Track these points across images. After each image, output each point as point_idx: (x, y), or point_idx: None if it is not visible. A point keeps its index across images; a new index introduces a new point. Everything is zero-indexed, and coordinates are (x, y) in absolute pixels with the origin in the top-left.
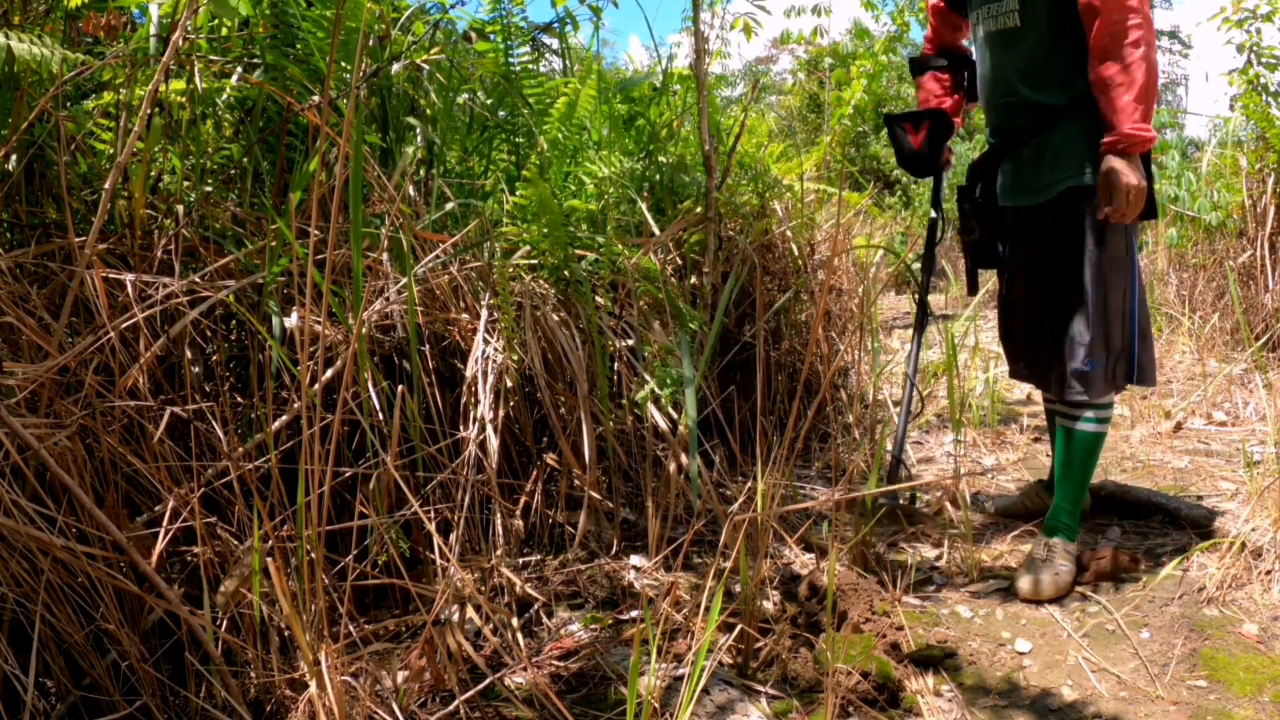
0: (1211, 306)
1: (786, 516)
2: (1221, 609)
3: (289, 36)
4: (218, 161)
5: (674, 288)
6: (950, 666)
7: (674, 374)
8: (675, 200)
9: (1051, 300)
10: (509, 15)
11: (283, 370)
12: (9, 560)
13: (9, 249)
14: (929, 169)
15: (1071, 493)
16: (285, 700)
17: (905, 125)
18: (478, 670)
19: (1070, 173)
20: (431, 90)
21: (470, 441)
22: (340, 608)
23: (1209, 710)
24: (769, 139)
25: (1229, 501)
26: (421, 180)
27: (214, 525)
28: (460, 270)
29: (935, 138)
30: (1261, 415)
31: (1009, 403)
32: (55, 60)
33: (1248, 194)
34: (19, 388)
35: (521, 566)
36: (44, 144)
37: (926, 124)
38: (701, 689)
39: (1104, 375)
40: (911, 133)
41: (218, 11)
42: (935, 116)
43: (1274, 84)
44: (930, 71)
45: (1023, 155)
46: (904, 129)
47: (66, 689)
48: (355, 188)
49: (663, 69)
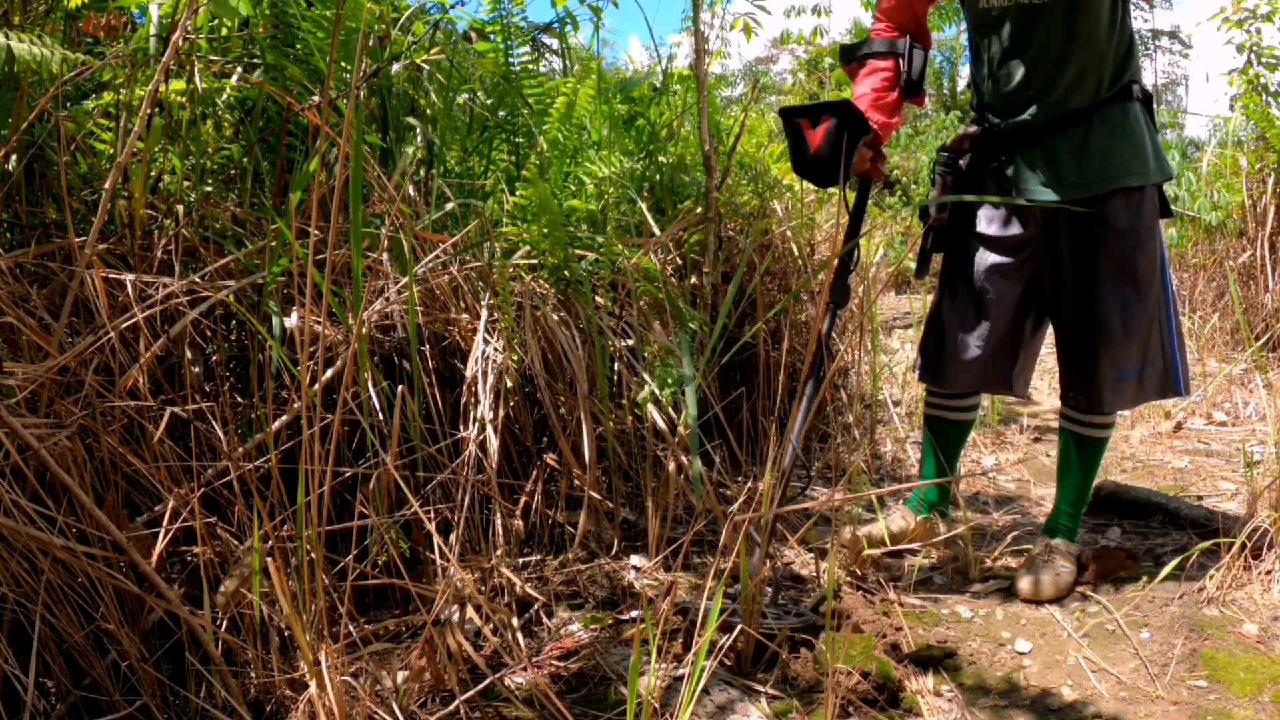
0: (1211, 306)
1: (787, 516)
2: (1221, 609)
3: (289, 36)
4: (218, 161)
5: (674, 288)
6: (950, 666)
7: (674, 374)
8: (675, 200)
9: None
10: (509, 15)
11: (283, 370)
12: (9, 560)
13: (9, 249)
14: (830, 176)
15: (1074, 495)
16: (285, 700)
17: (801, 121)
18: (478, 670)
19: (1120, 170)
20: (431, 90)
21: (470, 441)
22: (340, 608)
23: (1209, 710)
24: (769, 139)
25: (1229, 501)
26: (421, 180)
27: (214, 525)
28: (460, 270)
29: (839, 137)
30: (1261, 415)
31: (1009, 403)
32: (55, 60)
33: (1248, 194)
34: (19, 388)
35: (521, 566)
36: (44, 144)
37: (826, 120)
38: (701, 689)
39: (1136, 386)
40: (809, 131)
41: (218, 11)
42: (839, 109)
43: (1274, 84)
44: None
45: (1054, 144)
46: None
47: (66, 689)
48: (355, 188)
49: (663, 69)
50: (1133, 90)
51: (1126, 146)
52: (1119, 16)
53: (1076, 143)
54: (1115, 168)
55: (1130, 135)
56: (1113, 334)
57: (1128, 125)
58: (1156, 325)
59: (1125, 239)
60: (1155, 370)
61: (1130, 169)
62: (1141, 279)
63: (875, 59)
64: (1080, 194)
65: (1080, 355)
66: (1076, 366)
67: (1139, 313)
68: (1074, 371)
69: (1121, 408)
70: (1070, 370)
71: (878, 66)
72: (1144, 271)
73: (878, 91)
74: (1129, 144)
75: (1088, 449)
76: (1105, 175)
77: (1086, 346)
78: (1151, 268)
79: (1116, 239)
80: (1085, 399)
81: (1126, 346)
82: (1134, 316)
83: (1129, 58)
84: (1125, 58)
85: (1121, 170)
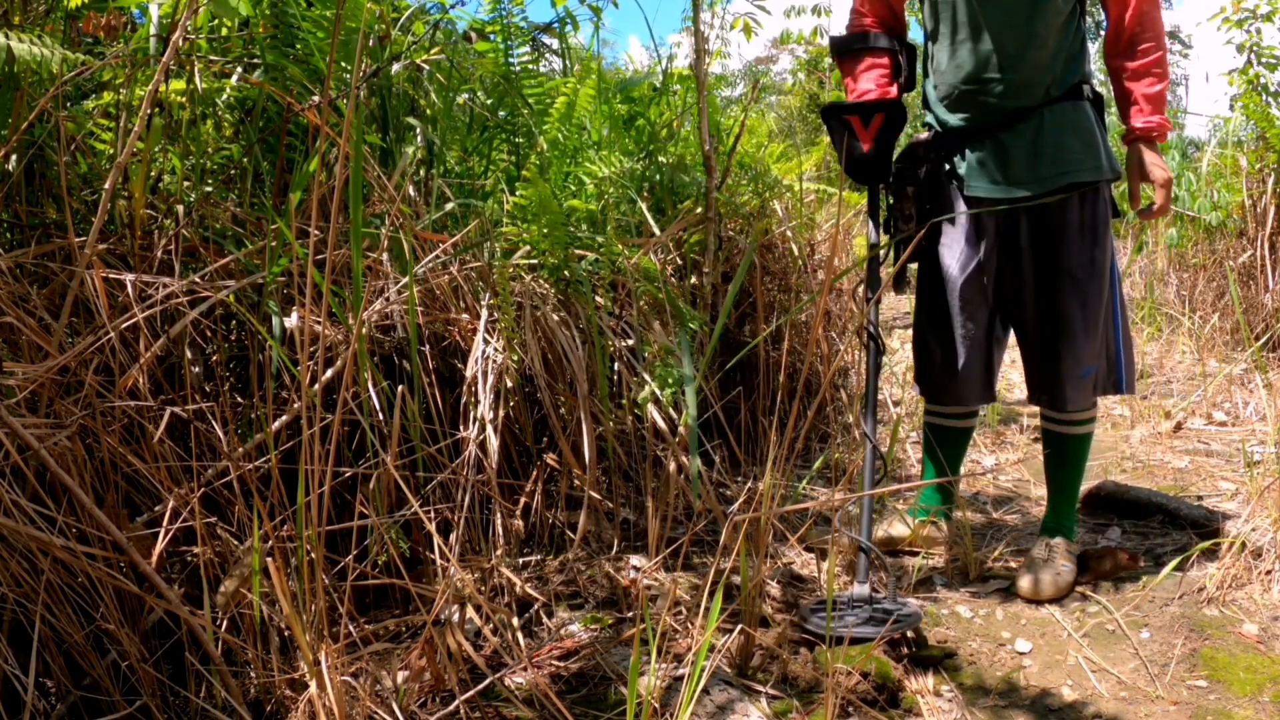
0: (1211, 306)
1: (787, 516)
2: (1221, 609)
3: (289, 36)
4: (218, 161)
5: (674, 288)
6: (950, 666)
7: (674, 374)
8: (675, 200)
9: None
10: (509, 15)
11: (283, 370)
12: (9, 560)
13: (9, 249)
14: (881, 173)
15: (1064, 493)
16: (285, 700)
17: (852, 119)
18: (478, 670)
19: (1073, 166)
20: (431, 90)
21: (470, 441)
22: (340, 608)
23: (1209, 710)
24: (769, 139)
25: (1229, 501)
26: (421, 180)
27: (214, 525)
28: (460, 270)
29: (888, 135)
30: (1261, 415)
31: (1009, 403)
32: (55, 60)
33: (1248, 194)
34: (19, 388)
35: (521, 566)
36: (44, 144)
37: (879, 118)
38: (701, 689)
39: (1094, 381)
40: (860, 129)
41: (218, 11)
42: (890, 109)
43: (1274, 84)
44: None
45: (1005, 141)
46: (849, 124)
47: (66, 689)
48: (355, 188)
49: (663, 69)
50: (1083, 90)
51: (1078, 143)
52: (1076, 16)
53: (1028, 140)
54: (1068, 164)
55: (1082, 132)
56: (1075, 332)
57: (1079, 122)
58: (1108, 321)
59: (1083, 236)
60: (1103, 367)
61: (1084, 164)
62: (1098, 275)
63: (873, 54)
64: (1035, 189)
65: (1044, 355)
66: (1040, 366)
67: (1097, 309)
68: (1038, 371)
69: (1083, 405)
70: (1035, 370)
71: (876, 62)
72: (1100, 267)
73: (881, 87)
74: (1081, 140)
75: (1070, 446)
76: (1059, 171)
77: (1049, 345)
78: (1105, 263)
79: (1074, 236)
80: (1049, 398)
81: (1087, 343)
82: (1092, 314)
83: (1081, 58)
84: (1078, 57)
85: (1075, 166)
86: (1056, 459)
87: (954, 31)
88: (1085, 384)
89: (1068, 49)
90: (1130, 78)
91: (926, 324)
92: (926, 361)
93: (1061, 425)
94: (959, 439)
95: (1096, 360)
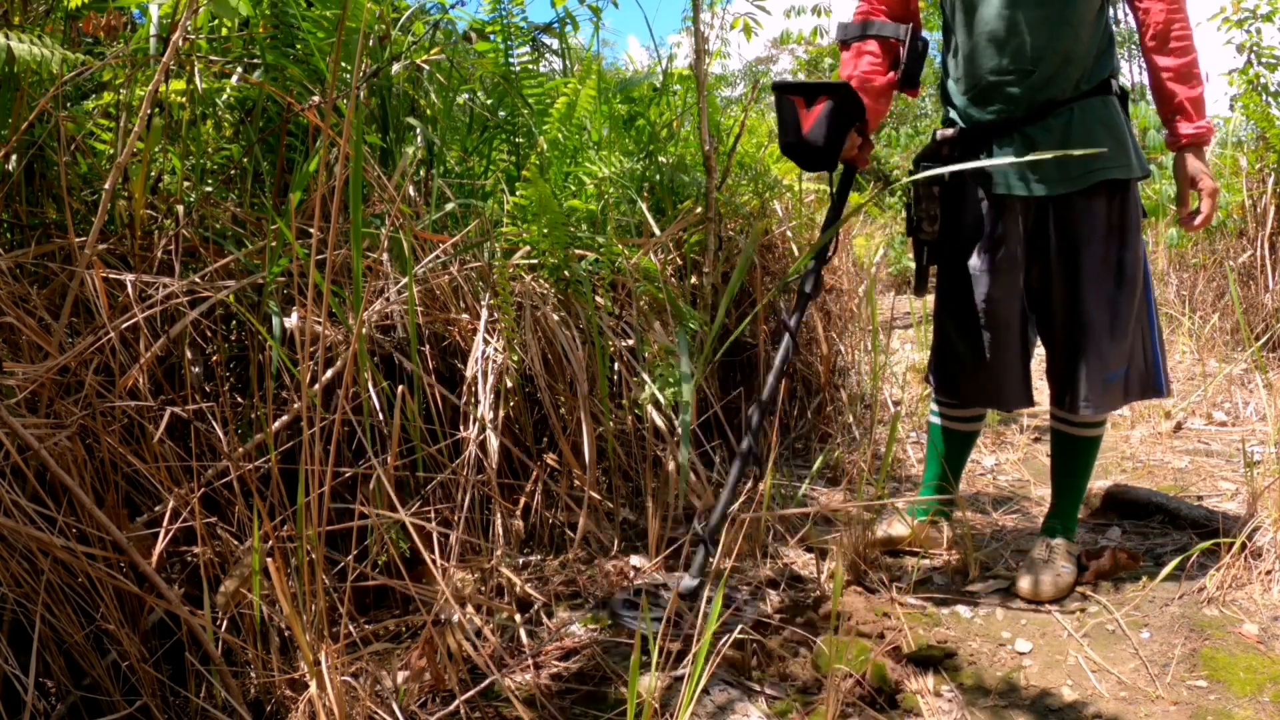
0: (1211, 306)
1: (787, 516)
2: (1221, 609)
3: (289, 37)
4: (218, 161)
5: (674, 288)
6: (950, 667)
7: (674, 374)
8: (675, 200)
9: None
10: (509, 15)
11: (283, 370)
12: (9, 560)
13: (9, 249)
14: (821, 161)
15: (1069, 495)
16: (285, 700)
17: (795, 99)
18: (478, 670)
19: (1104, 163)
20: (431, 90)
21: (470, 442)
22: (340, 608)
23: (1209, 710)
24: (769, 139)
25: (1229, 501)
26: (421, 180)
27: (214, 525)
28: (460, 270)
29: (835, 120)
30: (1261, 415)
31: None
32: (55, 60)
33: (1248, 194)
34: (19, 388)
35: (521, 567)
36: (44, 144)
37: (824, 100)
38: (701, 689)
39: (1122, 387)
40: (803, 110)
41: (218, 11)
42: (837, 90)
43: (1274, 84)
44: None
45: (1033, 136)
46: (794, 103)
47: (66, 689)
48: (355, 188)
49: (663, 69)
50: (1111, 85)
51: (1109, 139)
52: (1105, 9)
53: (1057, 135)
54: (1099, 160)
55: (1114, 128)
56: (1100, 336)
57: (1110, 119)
58: (1140, 324)
59: (1112, 236)
60: (1138, 370)
61: (1114, 161)
62: (1127, 277)
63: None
64: (1065, 188)
65: (1069, 357)
66: (1065, 369)
67: (1125, 313)
68: (1062, 374)
69: (1109, 409)
70: (1059, 373)
71: (866, 49)
72: (1129, 269)
73: (866, 74)
74: (1112, 136)
75: (1080, 449)
76: (1089, 169)
77: (1074, 348)
78: (1136, 266)
79: (1103, 236)
80: (1073, 401)
81: (1114, 347)
82: (1121, 317)
83: (1110, 51)
84: (1108, 50)
85: (1106, 163)
86: (1064, 461)
87: (980, 20)
88: (1112, 388)
89: (1099, 41)
90: (1174, 79)
91: (951, 327)
92: (953, 365)
93: (1072, 427)
94: (965, 442)
95: (1124, 364)
